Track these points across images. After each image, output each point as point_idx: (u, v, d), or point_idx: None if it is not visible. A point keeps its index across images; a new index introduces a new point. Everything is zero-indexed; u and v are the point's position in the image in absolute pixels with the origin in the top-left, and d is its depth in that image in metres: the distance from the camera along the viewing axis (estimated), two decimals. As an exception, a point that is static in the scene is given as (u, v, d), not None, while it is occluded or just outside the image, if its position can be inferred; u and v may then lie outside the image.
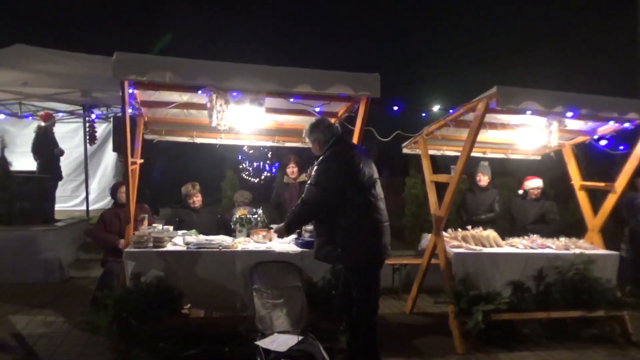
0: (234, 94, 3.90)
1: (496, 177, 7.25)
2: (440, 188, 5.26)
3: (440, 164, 7.98)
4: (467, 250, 4.77)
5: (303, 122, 5.20)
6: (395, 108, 4.70)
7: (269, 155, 18.65)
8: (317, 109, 4.50)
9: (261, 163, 18.31)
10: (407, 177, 8.84)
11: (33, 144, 7.91)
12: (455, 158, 5.62)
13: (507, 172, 8.91)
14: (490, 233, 5.08)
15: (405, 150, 6.05)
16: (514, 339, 4.58)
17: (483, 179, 6.29)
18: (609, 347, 4.62)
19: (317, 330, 4.00)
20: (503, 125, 5.07)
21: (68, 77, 7.30)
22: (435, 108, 4.89)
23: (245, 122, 4.43)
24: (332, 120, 5.04)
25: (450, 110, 4.80)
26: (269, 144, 5.84)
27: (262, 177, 17.86)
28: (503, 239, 5.14)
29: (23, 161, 7.81)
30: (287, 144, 5.82)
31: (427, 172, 5.40)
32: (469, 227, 5.20)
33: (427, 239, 5.34)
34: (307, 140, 3.82)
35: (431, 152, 5.70)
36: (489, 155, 6.19)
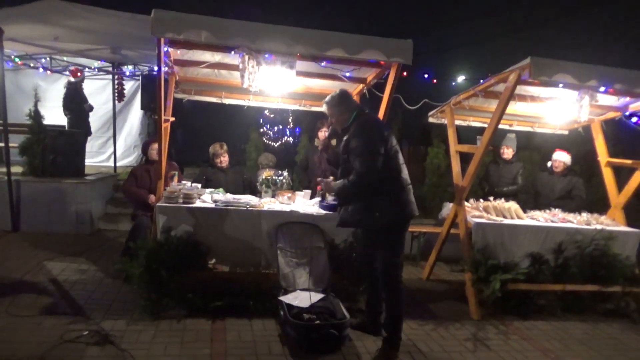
0: (267, 55, 3.94)
1: (520, 151, 7.21)
2: (464, 159, 5.28)
3: (462, 136, 7.96)
4: (488, 220, 4.82)
5: (331, 86, 5.22)
6: (425, 76, 4.68)
7: (290, 120, 18.68)
8: (347, 74, 4.51)
9: (282, 127, 18.37)
10: (429, 146, 8.83)
11: (63, 99, 8.09)
12: (481, 129, 5.61)
13: (532, 146, 8.83)
14: (512, 205, 5.11)
15: (431, 120, 6.04)
16: (529, 309, 4.67)
17: (507, 152, 6.28)
18: (622, 322, 4.69)
19: (337, 290, 4.15)
20: (533, 98, 5.02)
21: (98, 34, 7.38)
22: (462, 78, 4.87)
23: (275, 84, 4.46)
24: (361, 87, 5.10)
25: (480, 81, 4.77)
26: (296, 107, 5.88)
27: (283, 140, 17.96)
28: (525, 212, 5.18)
29: (53, 115, 8.00)
30: (314, 108, 5.85)
31: (453, 142, 5.40)
32: (491, 198, 5.24)
33: (448, 208, 5.39)
34: (331, 111, 3.79)
35: (457, 122, 5.68)
36: (516, 127, 6.15)
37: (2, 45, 5.59)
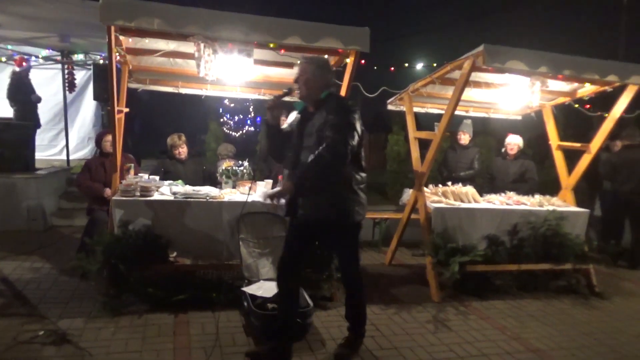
0: (223, 43, 3.86)
1: (476, 136, 7.41)
2: (423, 146, 5.38)
3: (422, 123, 8.10)
4: (447, 205, 4.94)
5: (290, 74, 5.18)
6: (384, 64, 4.71)
7: (251, 109, 18.50)
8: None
9: (242, 116, 18.17)
10: (389, 134, 8.94)
11: (8, 90, 7.67)
12: (439, 116, 5.72)
13: (488, 131, 9.08)
14: (469, 189, 5.26)
15: (390, 107, 6.10)
16: (486, 289, 4.84)
17: (464, 137, 6.44)
18: (574, 298, 4.94)
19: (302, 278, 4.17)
20: (487, 84, 5.14)
21: (45, 21, 7.02)
22: (420, 66, 4.94)
23: (232, 73, 4.39)
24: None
25: (437, 68, 4.85)
26: (255, 96, 5.81)
27: (244, 130, 17.77)
28: (481, 196, 5.33)
29: (-1, 107, 7.62)
30: (274, 97, 5.79)
31: (412, 129, 5.48)
32: (449, 183, 5.37)
33: (408, 194, 5.49)
34: (311, 72, 3.22)
35: (415, 109, 5.77)
36: (472, 114, 6.30)
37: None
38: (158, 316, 3.84)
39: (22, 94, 7.63)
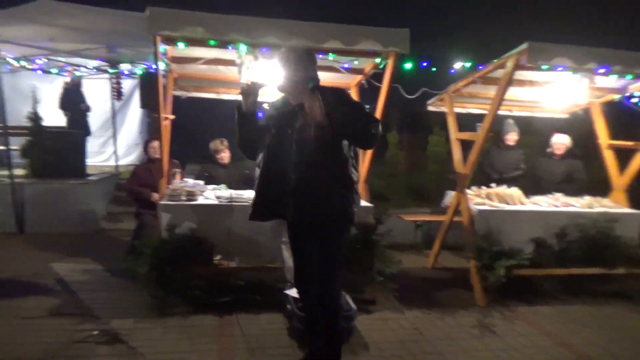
0: (263, 49, 3.93)
1: (521, 136, 7.20)
2: (465, 147, 5.28)
3: (462, 123, 7.96)
4: (491, 207, 4.83)
5: (330, 78, 5.20)
6: (424, 65, 4.66)
7: (289, 113, 18.60)
8: (346, 65, 4.50)
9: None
10: (429, 134, 8.84)
11: (61, 100, 8.08)
12: (481, 116, 5.60)
13: (532, 131, 8.81)
14: (515, 191, 5.12)
15: (430, 108, 6.03)
16: (533, 294, 4.71)
17: (511, 138, 6.25)
18: (626, 303, 4.72)
19: (343, 281, 4.16)
20: (531, 83, 5.01)
21: (93, 33, 7.33)
22: (458, 65, 4.85)
23: (273, 78, 4.44)
24: (359, 78, 5.08)
25: (479, 67, 4.76)
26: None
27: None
28: (527, 197, 5.18)
29: (52, 116, 7.99)
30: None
31: (453, 130, 5.40)
32: (493, 185, 5.24)
33: (450, 196, 5.41)
34: (289, 63, 2.91)
35: (457, 109, 5.67)
36: (515, 113, 6.13)
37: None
38: (203, 317, 3.93)
39: (73, 103, 8.01)
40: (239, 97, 3.11)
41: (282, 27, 3.85)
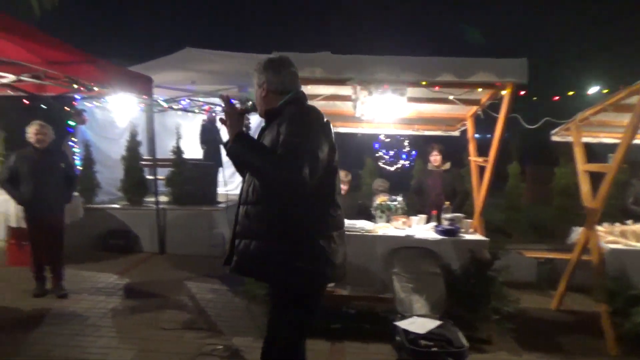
0: (377, 85, 4.10)
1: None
2: (596, 179, 4.88)
3: (598, 152, 7.33)
4: (625, 246, 4.38)
5: (443, 110, 5.23)
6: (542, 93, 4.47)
7: (405, 144, 18.66)
8: (460, 97, 4.49)
9: (398, 151, 18.40)
10: (555, 166, 8.24)
11: (200, 135, 9.07)
12: (612, 145, 5.15)
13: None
14: (656, 229, 4.58)
15: (555, 138, 5.68)
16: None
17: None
18: None
19: (454, 317, 4.06)
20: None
21: (227, 75, 8.21)
22: (591, 91, 4.56)
23: (386, 111, 4.59)
24: (475, 109, 5.00)
25: (606, 93, 4.43)
26: (409, 132, 5.96)
27: (398, 165, 17.97)
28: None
29: (190, 149, 9.00)
30: (427, 132, 5.87)
31: (580, 161, 5.02)
32: (630, 221, 4.75)
33: (577, 232, 5.00)
34: (254, 81, 2.58)
35: (585, 139, 5.28)
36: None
37: (152, 92, 6.51)
38: (315, 342, 4.06)
39: (210, 138, 8.94)
40: (355, 130, 3.18)
41: (395, 63, 4.01)
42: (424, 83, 4.08)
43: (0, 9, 3.96)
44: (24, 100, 6.27)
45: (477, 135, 5.34)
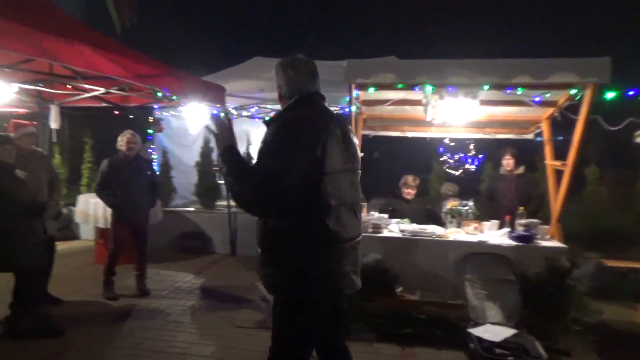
0: (449, 88, 4.08)
1: None
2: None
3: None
4: None
5: (518, 112, 5.09)
6: (630, 93, 4.23)
7: (471, 147, 18.14)
8: (537, 99, 4.36)
9: (463, 155, 17.93)
10: (638, 170, 7.72)
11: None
12: None
13: None
14: None
15: (638, 140, 5.35)
16: None
17: None
18: None
19: (530, 326, 3.94)
20: None
21: (295, 82, 8.40)
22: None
23: (457, 115, 4.55)
24: (551, 110, 4.81)
25: None
26: (480, 135, 5.84)
27: (463, 169, 17.49)
28: None
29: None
30: (499, 136, 5.72)
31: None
32: None
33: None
34: (278, 86, 2.48)
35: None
36: None
37: (224, 100, 6.79)
38: (386, 346, 4.09)
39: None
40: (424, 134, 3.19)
41: (469, 66, 3.96)
42: (500, 85, 4.01)
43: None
44: (115, 111, 6.75)
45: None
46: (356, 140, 2.46)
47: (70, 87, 5.30)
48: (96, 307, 4.96)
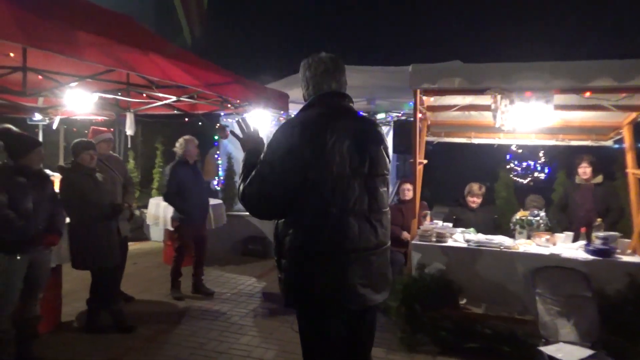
0: (521, 93, 3.90)
1: None
2: None
3: None
4: None
5: (594, 117, 4.79)
6: None
7: (540, 155, 17.29)
8: (616, 103, 4.07)
9: (531, 162, 17.14)
10: None
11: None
12: None
13: None
14: None
15: None
16: None
17: None
18: None
19: (609, 347, 3.66)
20: None
21: (357, 88, 8.39)
22: None
23: (528, 121, 4.33)
24: (634, 115, 4.47)
25: None
26: (552, 142, 5.52)
27: (532, 177, 16.70)
28: None
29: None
30: (574, 143, 5.39)
31: None
32: None
33: None
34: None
35: None
36: None
37: (288, 107, 6.90)
38: (449, 360, 3.97)
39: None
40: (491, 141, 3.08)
41: (542, 69, 3.77)
42: (576, 89, 3.78)
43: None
44: (185, 118, 7.06)
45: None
46: (386, 143, 2.37)
47: (144, 95, 5.60)
48: (163, 306, 5.17)
